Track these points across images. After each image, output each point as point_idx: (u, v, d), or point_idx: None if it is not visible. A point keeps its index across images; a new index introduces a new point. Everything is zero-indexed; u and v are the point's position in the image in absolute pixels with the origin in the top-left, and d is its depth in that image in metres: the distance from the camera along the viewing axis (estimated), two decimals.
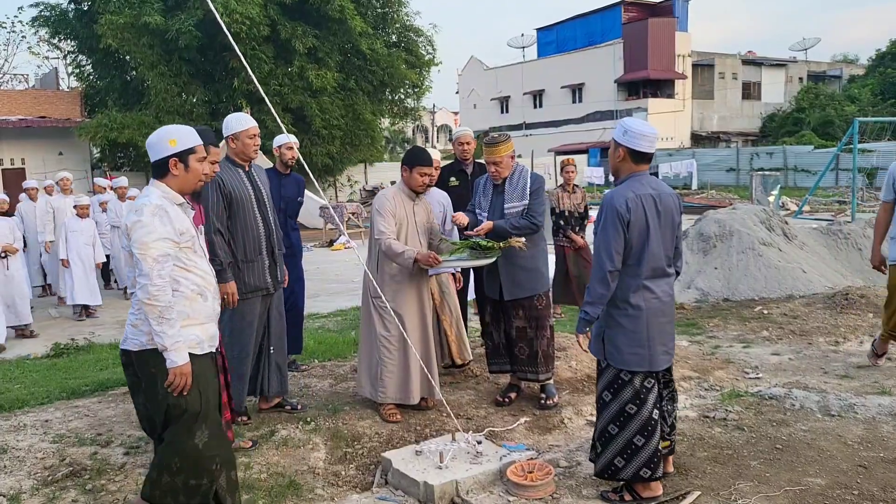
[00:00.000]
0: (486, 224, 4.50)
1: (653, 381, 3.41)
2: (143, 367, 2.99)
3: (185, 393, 2.94)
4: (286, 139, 5.43)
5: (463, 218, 4.62)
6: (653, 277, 3.37)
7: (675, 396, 3.71)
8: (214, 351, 3.19)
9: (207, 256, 3.24)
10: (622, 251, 3.29)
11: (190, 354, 2.94)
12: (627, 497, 3.44)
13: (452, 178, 5.71)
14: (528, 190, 4.55)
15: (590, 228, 5.58)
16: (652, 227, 3.32)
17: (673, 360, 3.56)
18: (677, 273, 3.57)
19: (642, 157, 3.38)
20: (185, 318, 2.97)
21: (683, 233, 11.35)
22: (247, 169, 4.38)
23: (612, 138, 3.45)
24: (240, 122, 4.34)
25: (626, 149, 3.37)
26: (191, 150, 3.07)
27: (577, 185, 7.71)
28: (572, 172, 7.59)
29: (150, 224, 2.89)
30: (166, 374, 2.90)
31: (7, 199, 9.02)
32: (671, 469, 3.68)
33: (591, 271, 3.38)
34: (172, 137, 3.05)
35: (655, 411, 3.39)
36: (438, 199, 5.40)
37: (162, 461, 3.01)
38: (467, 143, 5.64)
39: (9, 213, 9.08)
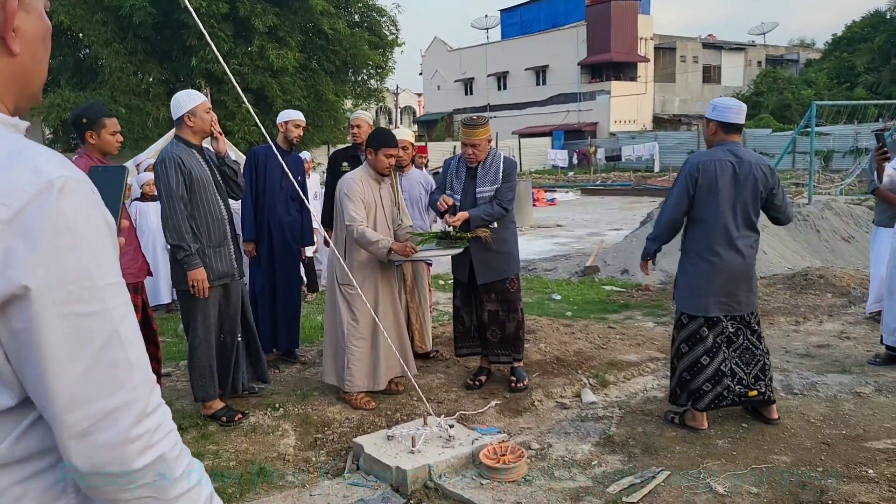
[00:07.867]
0: (462, 214, 4.41)
1: (707, 331, 3.86)
2: None
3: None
4: (294, 115, 5.24)
5: (448, 200, 4.47)
6: (722, 238, 3.77)
7: (757, 348, 3.94)
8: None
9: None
10: (684, 206, 3.81)
11: None
12: (677, 421, 4.06)
13: (345, 164, 5.25)
14: (501, 174, 4.51)
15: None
16: (722, 189, 3.72)
17: (746, 310, 3.90)
18: (784, 222, 4.04)
19: (731, 128, 3.79)
20: None
21: (647, 215, 11.50)
22: (200, 148, 4.16)
23: (704, 116, 3.91)
24: (191, 97, 4.09)
25: (716, 122, 3.79)
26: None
27: None
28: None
29: None
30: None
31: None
32: (775, 416, 4.02)
33: (658, 214, 3.93)
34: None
35: (706, 357, 3.87)
36: (419, 179, 5.32)
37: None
38: (358, 127, 5.31)
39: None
